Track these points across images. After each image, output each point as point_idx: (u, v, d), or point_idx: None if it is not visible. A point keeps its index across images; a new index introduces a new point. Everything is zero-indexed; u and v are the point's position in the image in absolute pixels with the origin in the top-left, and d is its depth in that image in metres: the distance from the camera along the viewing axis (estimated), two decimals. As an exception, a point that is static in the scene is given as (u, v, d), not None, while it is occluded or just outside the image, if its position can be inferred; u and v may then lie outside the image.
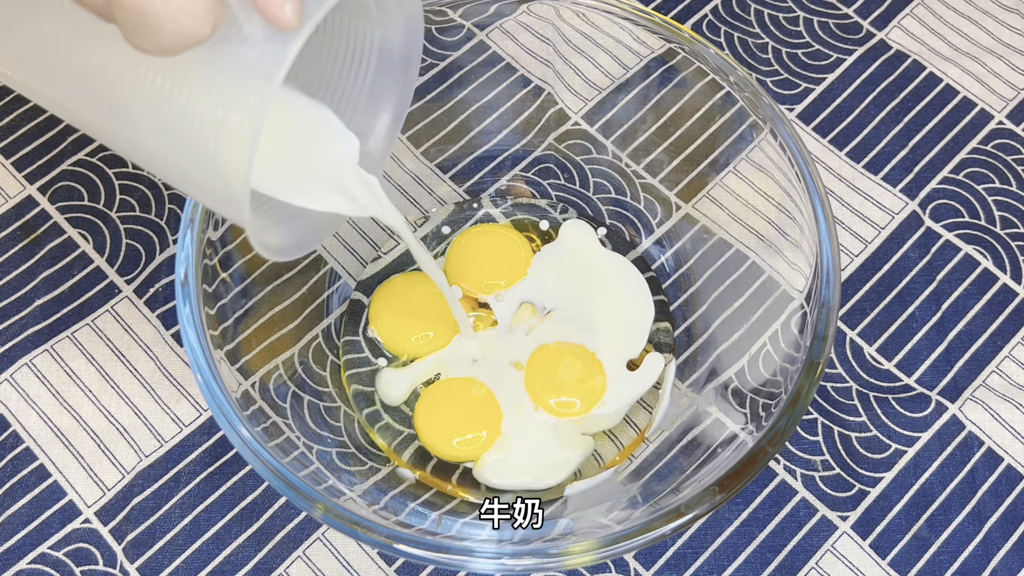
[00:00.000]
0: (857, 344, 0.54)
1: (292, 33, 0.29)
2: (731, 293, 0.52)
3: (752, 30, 0.64)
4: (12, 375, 0.52)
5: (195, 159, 0.31)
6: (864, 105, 0.61)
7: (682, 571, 0.49)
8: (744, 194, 0.52)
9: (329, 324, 0.53)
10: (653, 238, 0.56)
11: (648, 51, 0.53)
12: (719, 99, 0.51)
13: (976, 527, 0.50)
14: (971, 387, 0.53)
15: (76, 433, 0.51)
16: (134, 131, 0.32)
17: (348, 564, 0.49)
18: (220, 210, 0.35)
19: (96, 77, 0.31)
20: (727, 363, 0.50)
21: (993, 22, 0.64)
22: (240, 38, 0.29)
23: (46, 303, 0.54)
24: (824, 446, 0.52)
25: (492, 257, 0.55)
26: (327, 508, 0.40)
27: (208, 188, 0.33)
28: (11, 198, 0.57)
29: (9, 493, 0.50)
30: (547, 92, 0.58)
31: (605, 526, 0.43)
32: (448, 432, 0.50)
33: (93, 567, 0.48)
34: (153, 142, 0.32)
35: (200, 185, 0.33)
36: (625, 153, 0.56)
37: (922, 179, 0.59)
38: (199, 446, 0.51)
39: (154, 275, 0.55)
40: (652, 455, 0.49)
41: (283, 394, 0.48)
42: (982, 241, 0.57)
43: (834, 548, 0.50)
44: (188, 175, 0.33)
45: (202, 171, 0.32)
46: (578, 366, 0.51)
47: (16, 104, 0.60)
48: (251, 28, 0.29)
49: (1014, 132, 0.61)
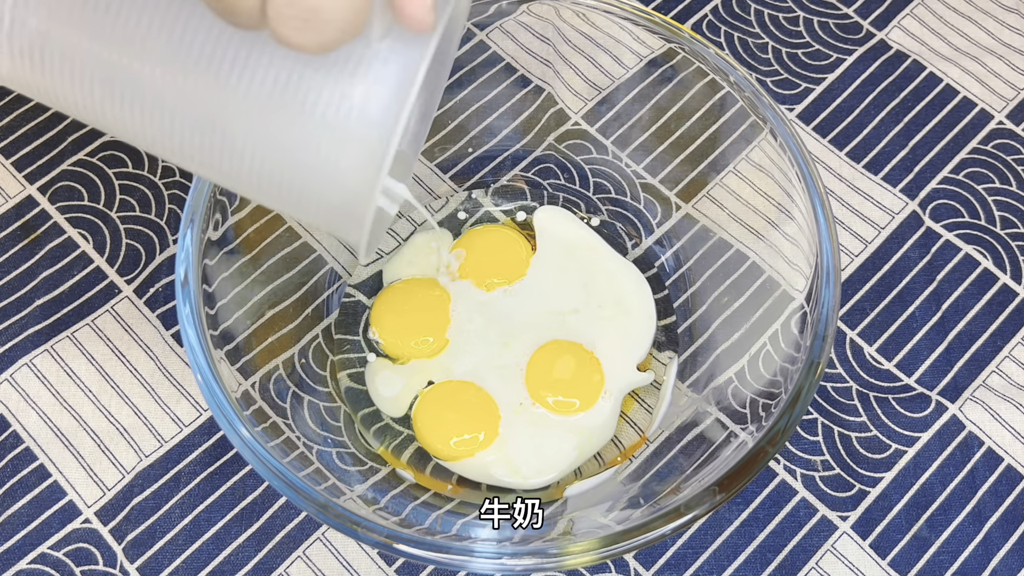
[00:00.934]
0: (857, 344, 0.54)
1: (424, 36, 0.28)
2: (731, 293, 0.52)
3: (752, 30, 0.64)
4: (12, 375, 0.52)
5: (311, 169, 0.30)
6: (864, 105, 0.61)
7: (682, 571, 0.49)
8: (744, 194, 0.52)
9: (329, 324, 0.53)
10: (653, 238, 0.56)
11: (648, 51, 0.53)
12: (719, 99, 0.51)
13: (976, 527, 0.50)
14: (971, 387, 0.53)
15: (76, 433, 0.51)
16: (235, 144, 0.30)
17: (348, 564, 0.49)
18: (326, 219, 0.33)
19: (203, 91, 0.30)
20: (727, 363, 0.50)
21: (993, 22, 0.64)
22: (365, 42, 0.28)
23: (46, 303, 0.54)
24: (824, 446, 0.52)
25: (492, 256, 0.55)
26: (327, 508, 0.40)
27: (317, 197, 0.31)
28: (11, 198, 0.57)
29: (9, 493, 0.50)
30: (547, 92, 0.58)
31: (605, 526, 0.43)
32: (447, 432, 0.50)
33: (93, 567, 0.48)
34: (260, 155, 0.30)
35: (306, 195, 0.31)
36: (625, 153, 0.56)
37: (922, 179, 0.59)
38: (199, 446, 0.51)
39: (154, 275, 0.55)
40: (652, 455, 0.49)
41: (283, 394, 0.48)
42: (982, 241, 0.57)
43: (834, 548, 0.50)
44: (293, 187, 0.31)
45: (316, 181, 0.30)
46: (576, 365, 0.51)
47: (16, 104, 0.60)
48: (380, 31, 0.28)
49: (1014, 132, 0.61)
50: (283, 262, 0.51)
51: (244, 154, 0.30)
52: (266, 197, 0.32)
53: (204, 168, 0.32)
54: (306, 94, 0.29)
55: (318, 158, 0.29)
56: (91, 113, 0.32)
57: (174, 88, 0.30)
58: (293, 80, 0.29)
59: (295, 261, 0.52)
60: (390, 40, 0.29)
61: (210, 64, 0.29)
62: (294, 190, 0.31)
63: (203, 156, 0.31)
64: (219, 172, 0.32)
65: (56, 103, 0.32)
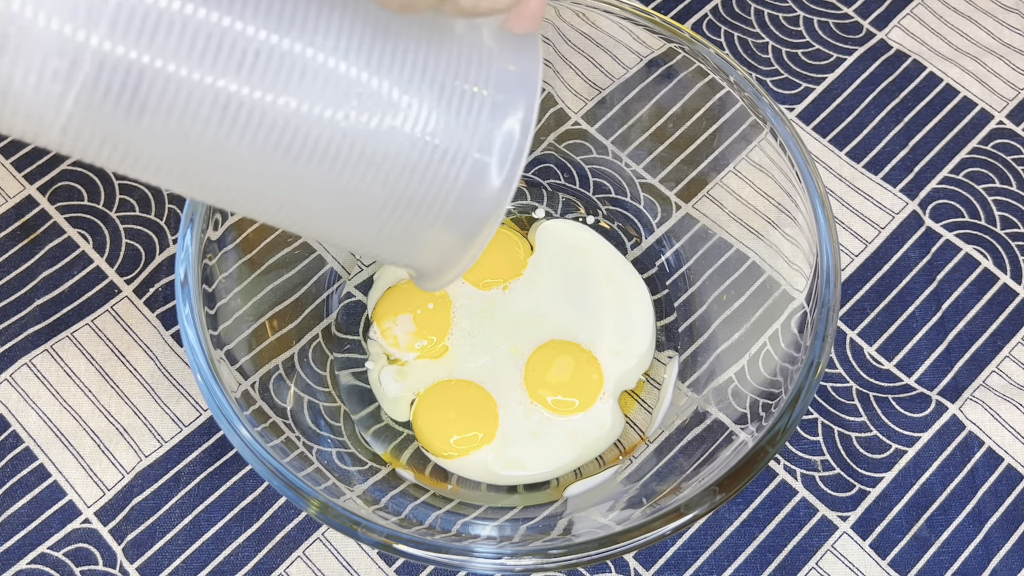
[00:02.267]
0: (857, 344, 0.54)
1: (530, 38, 0.28)
2: (731, 293, 0.52)
3: (752, 30, 0.64)
4: (12, 375, 0.52)
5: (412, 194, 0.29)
6: (864, 105, 0.61)
7: (682, 571, 0.49)
8: (744, 194, 0.52)
9: (329, 324, 0.53)
10: (653, 238, 0.56)
11: (648, 51, 0.53)
12: (719, 99, 0.51)
13: (976, 527, 0.50)
14: (971, 387, 0.53)
15: (76, 433, 0.51)
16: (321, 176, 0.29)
17: (348, 564, 0.49)
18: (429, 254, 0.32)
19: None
20: (727, 363, 0.50)
21: (993, 22, 0.64)
22: (479, 41, 0.28)
23: (46, 303, 0.54)
24: (824, 446, 0.52)
25: (491, 255, 0.55)
26: (327, 508, 0.40)
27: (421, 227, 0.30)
28: (11, 198, 0.57)
29: (9, 493, 0.50)
30: (547, 92, 0.58)
31: (605, 526, 0.43)
32: (447, 431, 0.50)
33: (93, 567, 0.48)
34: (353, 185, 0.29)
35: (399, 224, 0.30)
36: (625, 153, 0.56)
37: (922, 179, 0.59)
38: (199, 446, 0.51)
39: (154, 275, 0.55)
40: (652, 455, 0.49)
41: (283, 394, 0.48)
42: (982, 241, 0.57)
43: (834, 548, 0.50)
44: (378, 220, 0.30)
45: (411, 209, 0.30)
46: (575, 364, 0.52)
47: (16, 104, 0.60)
48: (488, 33, 0.28)
49: (1014, 132, 0.61)
50: (283, 262, 0.51)
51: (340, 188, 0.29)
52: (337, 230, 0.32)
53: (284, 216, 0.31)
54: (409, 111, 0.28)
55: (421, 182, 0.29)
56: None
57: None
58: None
59: (295, 261, 0.52)
60: (499, 49, 0.29)
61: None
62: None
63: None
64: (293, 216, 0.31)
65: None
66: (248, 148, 0.27)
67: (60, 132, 0.26)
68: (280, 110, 0.27)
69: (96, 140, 0.27)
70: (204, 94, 0.26)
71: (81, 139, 0.26)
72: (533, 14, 0.28)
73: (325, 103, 0.27)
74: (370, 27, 0.28)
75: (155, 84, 0.26)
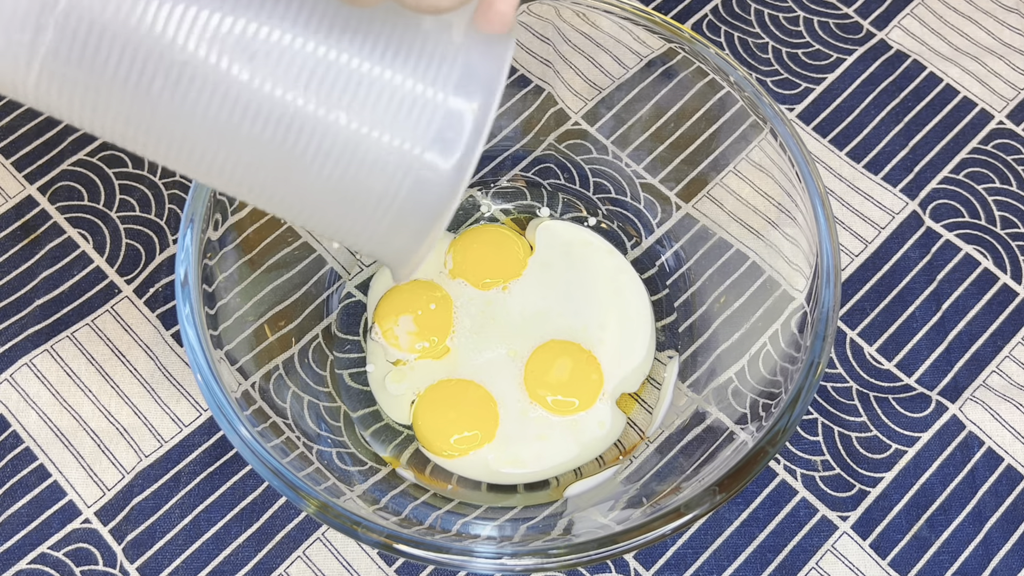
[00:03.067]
0: (857, 344, 0.54)
1: (503, 38, 0.28)
2: (731, 293, 0.52)
3: (752, 30, 0.64)
4: (12, 375, 0.52)
5: (383, 177, 0.29)
6: (864, 105, 0.61)
7: (682, 571, 0.49)
8: (744, 194, 0.52)
9: (329, 324, 0.53)
10: (653, 238, 0.56)
11: (648, 51, 0.53)
12: (719, 99, 0.51)
13: (976, 527, 0.50)
14: (971, 387, 0.53)
15: (76, 433, 0.51)
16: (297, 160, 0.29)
17: (348, 564, 0.49)
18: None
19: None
20: (727, 363, 0.50)
21: (993, 22, 0.64)
22: (447, 38, 0.28)
23: (46, 303, 0.54)
24: (824, 446, 0.52)
25: (490, 255, 0.55)
26: (326, 508, 0.40)
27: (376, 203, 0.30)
28: (11, 198, 0.57)
29: (9, 493, 0.50)
30: (547, 92, 0.58)
31: (605, 526, 0.43)
32: (447, 430, 0.50)
33: (93, 567, 0.48)
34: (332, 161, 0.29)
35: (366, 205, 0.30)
36: (625, 153, 0.56)
37: (922, 179, 0.59)
38: (199, 446, 0.51)
39: (154, 275, 0.55)
40: (652, 455, 0.49)
41: (283, 394, 0.48)
42: (982, 241, 0.57)
43: (834, 548, 0.50)
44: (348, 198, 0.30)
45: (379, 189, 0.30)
46: (574, 364, 0.52)
47: (16, 104, 0.60)
48: (458, 31, 0.28)
49: (1014, 132, 0.61)
50: (283, 262, 0.51)
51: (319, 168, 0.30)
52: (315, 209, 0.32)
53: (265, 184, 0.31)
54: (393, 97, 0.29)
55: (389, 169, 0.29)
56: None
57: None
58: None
59: (295, 261, 0.52)
60: (468, 44, 0.29)
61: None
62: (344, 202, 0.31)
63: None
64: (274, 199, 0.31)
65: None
66: (194, 108, 0.28)
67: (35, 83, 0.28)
68: (223, 76, 0.28)
69: (66, 94, 0.28)
70: (160, 59, 0.28)
71: (52, 91, 0.28)
72: (500, 14, 0.27)
73: (275, 81, 0.28)
74: (328, 17, 0.28)
75: (112, 47, 0.27)
